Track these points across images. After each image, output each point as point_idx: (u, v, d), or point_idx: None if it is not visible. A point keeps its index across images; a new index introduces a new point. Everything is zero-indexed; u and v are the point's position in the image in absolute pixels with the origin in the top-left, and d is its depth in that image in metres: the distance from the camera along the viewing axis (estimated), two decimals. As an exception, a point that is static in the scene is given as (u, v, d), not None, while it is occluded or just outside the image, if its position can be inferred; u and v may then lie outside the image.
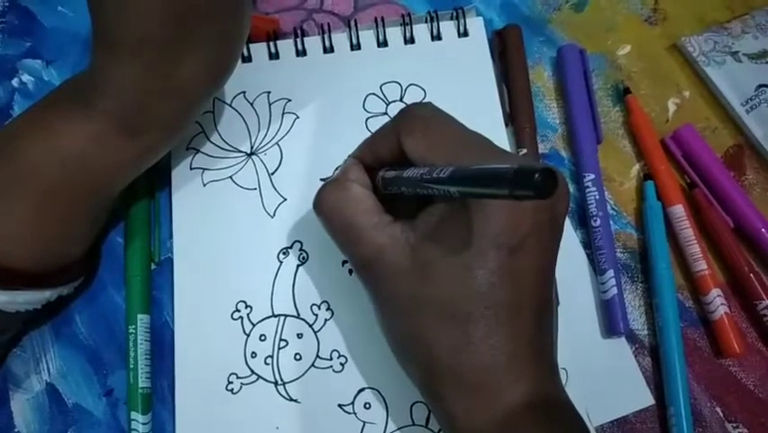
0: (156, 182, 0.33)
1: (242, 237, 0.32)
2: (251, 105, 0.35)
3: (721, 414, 0.32)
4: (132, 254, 0.32)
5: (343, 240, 0.27)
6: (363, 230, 0.26)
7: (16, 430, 0.30)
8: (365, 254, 0.25)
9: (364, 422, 0.30)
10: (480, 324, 0.23)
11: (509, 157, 0.27)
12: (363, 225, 0.26)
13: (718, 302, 0.32)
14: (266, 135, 0.34)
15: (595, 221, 0.33)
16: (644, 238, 0.34)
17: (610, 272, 0.32)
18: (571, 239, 0.34)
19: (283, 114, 0.35)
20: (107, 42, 0.25)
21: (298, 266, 0.32)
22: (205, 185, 0.33)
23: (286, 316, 0.31)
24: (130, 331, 0.30)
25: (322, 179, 0.33)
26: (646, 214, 0.34)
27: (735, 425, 0.31)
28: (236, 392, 0.30)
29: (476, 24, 0.37)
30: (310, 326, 0.31)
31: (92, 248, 0.31)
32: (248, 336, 0.31)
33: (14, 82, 0.36)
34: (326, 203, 0.27)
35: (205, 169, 0.33)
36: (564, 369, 0.30)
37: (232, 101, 0.35)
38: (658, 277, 0.32)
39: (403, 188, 0.25)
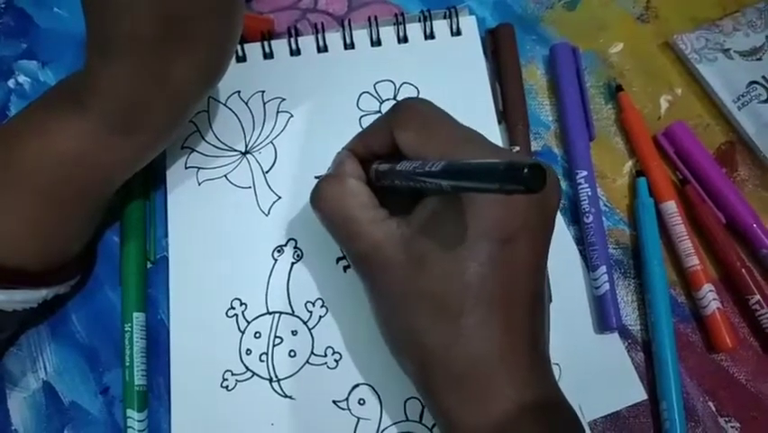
0: (151, 181, 0.34)
1: (237, 235, 0.32)
2: (246, 104, 0.35)
3: (714, 408, 0.32)
4: (128, 253, 0.32)
5: (341, 234, 0.27)
6: (360, 225, 0.26)
7: (13, 428, 0.30)
8: (362, 249, 0.26)
9: (358, 418, 0.30)
10: (472, 316, 0.23)
11: (503, 153, 0.27)
12: (360, 219, 0.26)
13: (710, 297, 0.32)
14: (260, 134, 0.34)
15: (587, 217, 0.33)
16: (637, 234, 0.34)
17: (603, 268, 0.32)
18: (563, 235, 0.34)
19: (277, 112, 0.35)
20: (100, 43, 0.25)
21: (293, 264, 0.32)
22: (200, 184, 0.33)
23: (280, 313, 0.31)
24: (126, 329, 0.30)
25: (316, 177, 0.33)
26: (639, 210, 0.34)
27: (727, 419, 0.32)
28: (231, 389, 0.30)
29: (469, 23, 0.37)
30: (304, 323, 0.31)
31: (88, 247, 0.31)
32: (243, 333, 0.31)
33: (11, 83, 0.36)
34: (324, 198, 0.27)
35: (199, 168, 0.33)
36: (557, 364, 0.31)
37: (226, 100, 0.35)
38: (650, 273, 0.32)
39: (396, 180, 0.25)
